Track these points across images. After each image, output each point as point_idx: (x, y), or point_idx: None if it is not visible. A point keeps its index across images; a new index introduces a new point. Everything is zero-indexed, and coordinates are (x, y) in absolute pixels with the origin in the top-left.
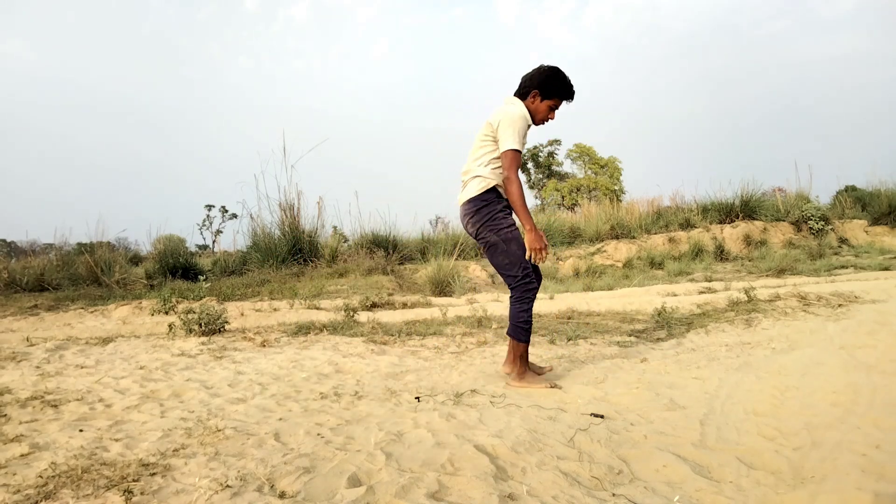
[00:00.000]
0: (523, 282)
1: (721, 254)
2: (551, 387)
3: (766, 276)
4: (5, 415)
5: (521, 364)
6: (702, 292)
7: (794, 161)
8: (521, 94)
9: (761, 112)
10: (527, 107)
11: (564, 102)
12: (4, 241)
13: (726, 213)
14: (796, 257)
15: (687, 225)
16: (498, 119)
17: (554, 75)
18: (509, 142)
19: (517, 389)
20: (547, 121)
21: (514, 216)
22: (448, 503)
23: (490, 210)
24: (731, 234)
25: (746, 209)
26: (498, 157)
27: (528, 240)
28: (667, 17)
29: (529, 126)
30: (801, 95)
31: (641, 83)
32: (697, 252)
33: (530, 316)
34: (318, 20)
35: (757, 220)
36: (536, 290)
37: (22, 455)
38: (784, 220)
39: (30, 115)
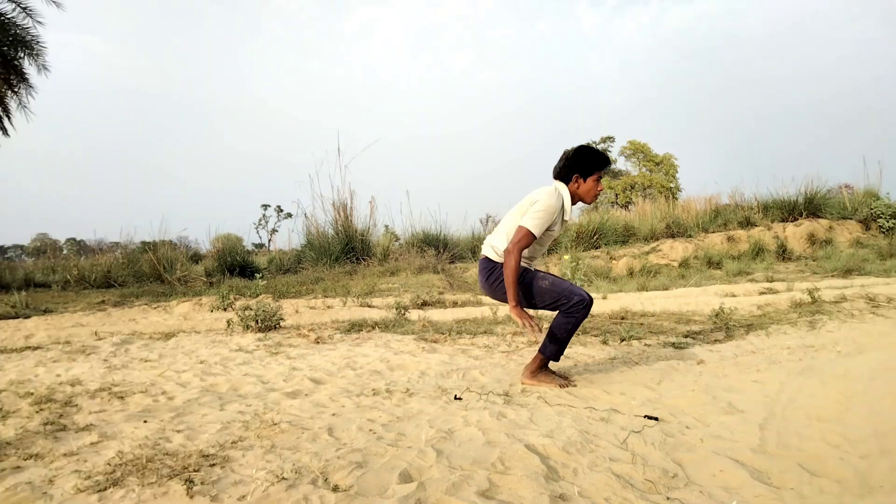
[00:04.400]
0: (575, 303)
1: (783, 253)
2: (562, 386)
3: (832, 276)
4: (76, 405)
5: (535, 364)
6: (762, 293)
7: (862, 156)
8: (563, 177)
9: (826, 107)
10: (571, 191)
11: (603, 172)
12: (74, 239)
13: (789, 211)
14: (864, 257)
15: (747, 223)
16: (536, 200)
17: (586, 156)
18: (530, 222)
19: (534, 387)
20: (598, 195)
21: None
22: (498, 501)
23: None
24: (794, 233)
25: (811, 207)
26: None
27: (512, 313)
28: (745, 23)
29: (564, 211)
30: (869, 88)
31: (711, 84)
32: (758, 251)
33: (570, 335)
34: (409, 34)
35: (822, 218)
36: (587, 306)
37: (92, 443)
38: (851, 218)
39: (98, 124)
